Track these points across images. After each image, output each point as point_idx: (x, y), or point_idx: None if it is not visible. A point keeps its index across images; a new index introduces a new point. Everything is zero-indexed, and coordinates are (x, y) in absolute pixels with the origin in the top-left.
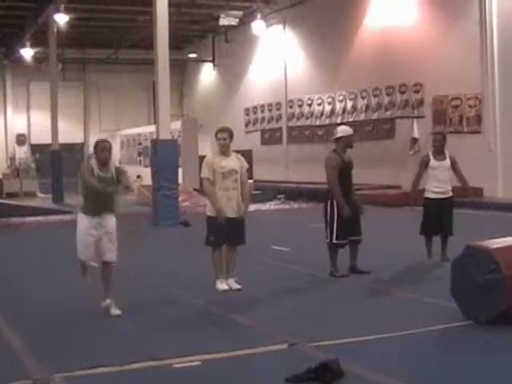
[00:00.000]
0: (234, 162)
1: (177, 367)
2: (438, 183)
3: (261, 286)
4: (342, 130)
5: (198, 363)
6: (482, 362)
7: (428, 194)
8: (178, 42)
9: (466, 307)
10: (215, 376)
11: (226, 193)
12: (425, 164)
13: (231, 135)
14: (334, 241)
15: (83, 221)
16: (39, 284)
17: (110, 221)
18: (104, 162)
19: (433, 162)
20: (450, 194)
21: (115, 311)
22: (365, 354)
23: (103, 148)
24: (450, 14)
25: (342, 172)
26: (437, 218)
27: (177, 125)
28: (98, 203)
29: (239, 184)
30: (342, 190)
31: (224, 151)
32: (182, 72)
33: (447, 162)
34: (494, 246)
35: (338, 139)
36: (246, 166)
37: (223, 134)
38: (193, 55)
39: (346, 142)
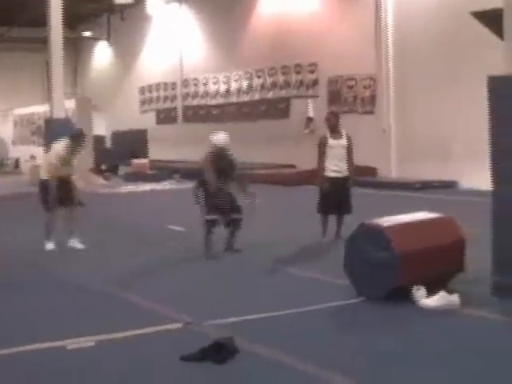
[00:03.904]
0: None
1: (71, 348)
2: (336, 162)
3: (154, 264)
4: (217, 139)
5: (91, 344)
6: (375, 336)
7: (326, 173)
8: (72, 21)
9: (360, 284)
10: (109, 356)
11: None
12: (323, 144)
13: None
14: (205, 216)
15: None
16: None
17: None
18: None
19: (330, 141)
20: (347, 173)
21: None
22: (260, 331)
23: None
24: None
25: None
26: (334, 196)
27: (71, 104)
28: None
29: None
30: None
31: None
32: (77, 51)
33: (344, 140)
34: (387, 224)
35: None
36: None
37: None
38: (87, 33)
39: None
